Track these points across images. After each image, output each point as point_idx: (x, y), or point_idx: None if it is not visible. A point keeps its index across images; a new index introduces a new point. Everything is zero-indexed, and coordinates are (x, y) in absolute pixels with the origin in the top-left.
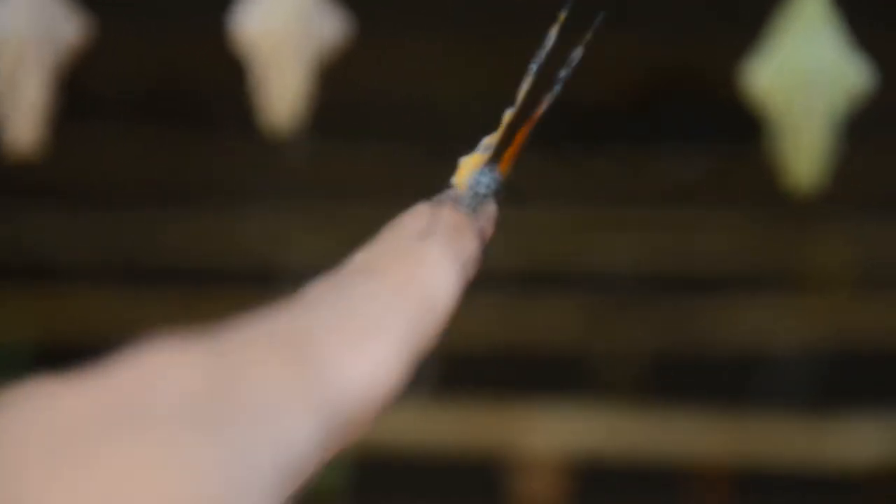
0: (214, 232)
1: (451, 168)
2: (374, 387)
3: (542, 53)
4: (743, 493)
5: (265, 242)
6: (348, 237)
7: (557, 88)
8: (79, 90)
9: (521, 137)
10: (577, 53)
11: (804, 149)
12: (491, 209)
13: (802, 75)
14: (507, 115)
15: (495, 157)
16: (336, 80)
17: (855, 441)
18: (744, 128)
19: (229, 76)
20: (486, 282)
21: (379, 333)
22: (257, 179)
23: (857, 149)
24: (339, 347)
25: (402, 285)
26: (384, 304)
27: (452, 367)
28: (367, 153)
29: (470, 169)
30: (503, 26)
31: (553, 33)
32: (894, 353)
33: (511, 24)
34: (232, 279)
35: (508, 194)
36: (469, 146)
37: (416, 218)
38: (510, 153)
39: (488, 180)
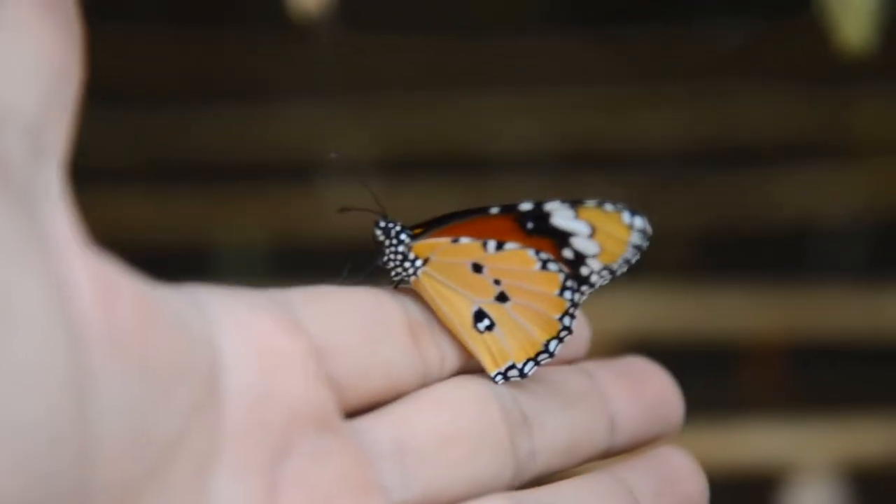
0: (248, 128)
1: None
2: None
3: None
4: (798, 367)
5: (300, 138)
6: (383, 131)
7: None
8: None
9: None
10: None
11: (854, 7)
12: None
13: None
14: None
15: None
16: None
17: None
18: None
19: None
20: (526, 165)
21: None
22: (290, 74)
23: None
24: None
25: None
26: None
27: None
28: (400, 44)
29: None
30: None
31: None
32: None
33: None
34: (266, 176)
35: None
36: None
37: None
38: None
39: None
